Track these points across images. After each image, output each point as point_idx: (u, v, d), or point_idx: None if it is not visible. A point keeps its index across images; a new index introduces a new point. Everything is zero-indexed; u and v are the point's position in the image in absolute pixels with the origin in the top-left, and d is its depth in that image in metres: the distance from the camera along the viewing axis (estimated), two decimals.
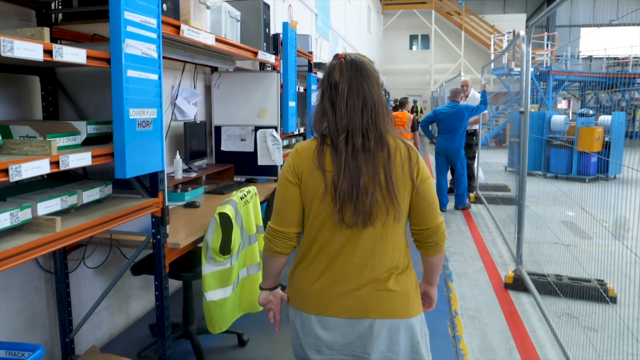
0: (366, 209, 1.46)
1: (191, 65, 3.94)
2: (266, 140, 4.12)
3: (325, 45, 9.29)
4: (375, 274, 1.52)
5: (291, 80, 4.23)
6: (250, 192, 2.78)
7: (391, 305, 1.52)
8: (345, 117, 1.48)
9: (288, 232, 1.55)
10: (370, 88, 1.50)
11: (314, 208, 1.51)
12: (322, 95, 1.55)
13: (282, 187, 1.56)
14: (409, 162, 1.51)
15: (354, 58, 1.53)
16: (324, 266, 1.53)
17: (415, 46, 23.74)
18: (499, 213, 6.83)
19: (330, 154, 1.49)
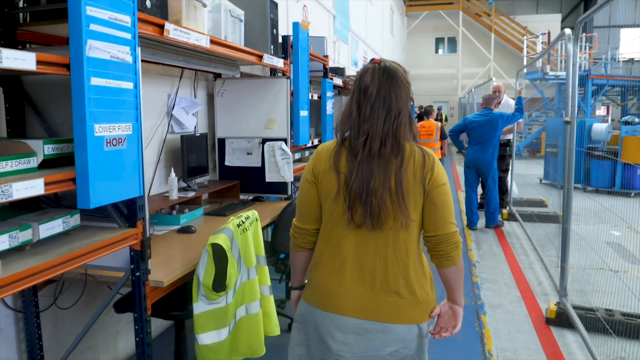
0: (374, 211, 1.54)
1: (191, 72, 3.69)
2: (275, 154, 3.83)
3: (344, 49, 9.01)
4: (388, 279, 1.59)
5: (303, 87, 3.94)
6: (249, 218, 2.48)
7: (403, 310, 1.60)
8: (368, 121, 1.56)
9: (308, 229, 1.71)
10: (397, 97, 1.57)
11: (328, 207, 1.62)
12: (351, 96, 1.63)
13: (302, 186, 1.70)
14: (422, 169, 1.57)
15: (388, 65, 1.60)
16: (337, 265, 1.63)
17: (442, 49, 23.35)
18: (535, 232, 6.41)
19: (346, 156, 1.59)
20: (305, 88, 4.03)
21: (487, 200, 6.58)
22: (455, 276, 1.66)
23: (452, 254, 1.61)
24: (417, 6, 21.99)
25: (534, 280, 4.79)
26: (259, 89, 3.87)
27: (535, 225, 6.78)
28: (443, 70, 22.40)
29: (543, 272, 4.99)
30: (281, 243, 3.33)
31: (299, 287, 1.89)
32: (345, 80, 5.79)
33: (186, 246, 2.68)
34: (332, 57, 8.10)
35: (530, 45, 18.80)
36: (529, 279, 4.80)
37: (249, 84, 3.90)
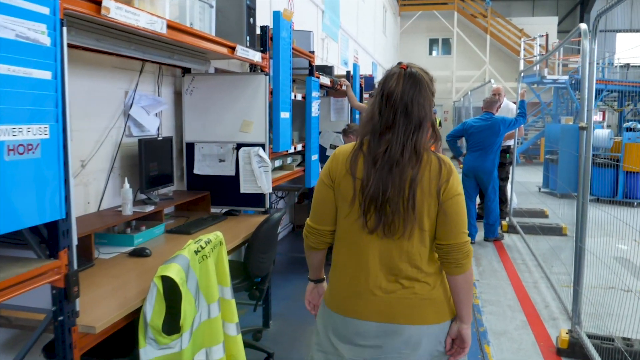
0: (387, 219, 1.58)
1: (154, 65, 3.28)
2: (251, 161, 3.43)
3: (333, 47, 8.65)
4: (403, 281, 1.63)
5: (284, 85, 3.55)
6: (211, 242, 2.07)
7: (420, 310, 1.63)
8: (390, 130, 1.58)
9: (322, 230, 1.73)
10: (420, 106, 1.58)
11: (343, 211, 1.66)
12: (374, 99, 1.64)
13: (318, 187, 1.73)
14: (437, 179, 1.60)
15: (414, 72, 1.61)
16: (354, 269, 1.66)
17: (436, 51, 23.14)
18: (538, 246, 6.07)
19: (364, 161, 1.61)
20: (287, 86, 3.64)
21: (487, 211, 6.22)
22: (463, 284, 1.68)
23: (462, 262, 1.64)
24: (410, 6, 21.71)
25: (540, 301, 4.42)
26: (233, 86, 3.47)
27: (537, 238, 6.44)
28: (437, 73, 20.85)
29: (549, 292, 4.63)
30: (256, 265, 2.93)
31: (315, 279, 1.92)
32: (333, 80, 5.41)
33: (137, 274, 2.27)
34: (320, 54, 7.73)
35: (528, 49, 18.58)
36: (534, 301, 4.43)
37: (222, 81, 3.50)
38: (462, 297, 1.69)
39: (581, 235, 3.29)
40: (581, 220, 3.27)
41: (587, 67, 3.16)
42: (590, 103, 3.07)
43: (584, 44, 3.12)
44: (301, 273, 4.94)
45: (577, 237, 3.40)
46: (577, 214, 3.35)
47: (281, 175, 3.94)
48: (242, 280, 3.00)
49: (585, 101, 3.18)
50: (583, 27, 3.23)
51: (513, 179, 7.35)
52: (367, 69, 12.20)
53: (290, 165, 4.20)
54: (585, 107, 3.19)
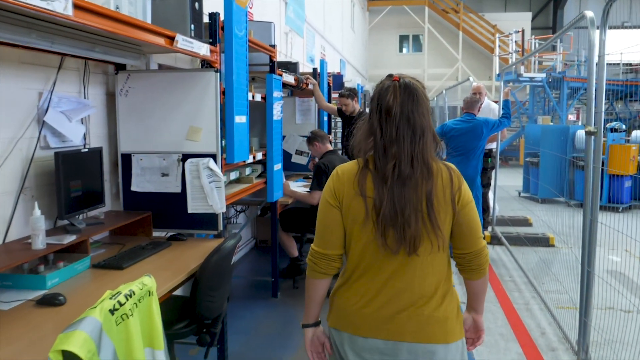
0: (409, 236, 1.59)
1: (78, 61, 2.79)
2: (199, 175, 2.98)
3: (298, 42, 8.22)
4: (414, 299, 1.65)
5: (239, 84, 3.11)
6: (134, 295, 1.61)
7: (430, 329, 1.64)
8: (395, 144, 1.61)
9: (331, 254, 1.71)
10: (421, 116, 1.62)
11: (355, 233, 1.66)
12: (370, 115, 1.67)
13: (323, 210, 1.72)
14: (450, 188, 1.64)
15: (408, 82, 1.64)
16: (365, 289, 1.67)
17: (406, 48, 22.94)
18: (526, 259, 5.79)
19: (372, 179, 1.63)
20: (243, 85, 3.20)
21: None
22: (483, 286, 1.77)
23: (484, 267, 1.71)
24: (379, 0, 21.52)
25: (534, 327, 4.08)
26: (177, 86, 3.01)
27: (523, 250, 6.16)
28: (408, 71, 19.96)
29: (544, 316, 4.30)
30: (205, 306, 2.48)
31: (314, 323, 1.83)
32: (298, 78, 4.99)
33: (41, 335, 1.78)
34: (284, 50, 7.30)
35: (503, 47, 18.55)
36: (528, 326, 4.09)
37: (164, 80, 3.04)
38: (480, 296, 1.79)
39: (589, 258, 2.94)
40: (589, 241, 2.92)
41: (594, 62, 2.82)
42: (600, 103, 2.73)
43: (592, 35, 2.78)
44: (265, 299, 4.49)
45: (585, 259, 3.04)
46: (584, 234, 3.01)
47: (238, 190, 3.49)
48: (188, 323, 2.55)
49: (592, 101, 2.84)
50: (590, 15, 2.89)
51: (496, 184, 7.07)
52: (335, 66, 11.83)
53: (248, 177, 3.74)
54: (592, 108, 2.85)
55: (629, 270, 5.39)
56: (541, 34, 20.97)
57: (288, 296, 4.59)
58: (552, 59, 17.39)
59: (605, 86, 2.78)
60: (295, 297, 4.57)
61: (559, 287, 4.81)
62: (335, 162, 4.55)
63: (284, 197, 4.45)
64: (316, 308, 1.81)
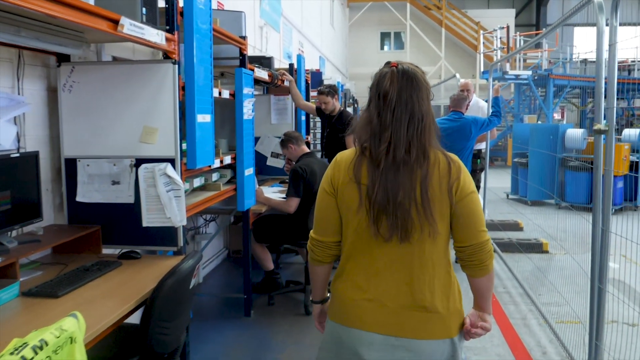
0: (401, 224, 1.59)
1: (11, 50, 2.44)
2: (156, 183, 2.64)
3: (274, 37, 7.89)
4: (414, 292, 1.64)
5: (201, 78, 2.78)
6: (47, 346, 1.27)
7: (430, 325, 1.64)
8: (390, 127, 1.61)
9: (327, 242, 1.75)
10: (420, 100, 1.62)
11: (350, 220, 1.67)
12: (369, 102, 1.69)
13: (320, 197, 1.75)
14: (447, 178, 1.62)
15: (407, 68, 1.65)
16: (361, 280, 1.68)
17: (388, 46, 22.80)
18: (520, 267, 5.54)
19: (367, 166, 1.64)
20: (207, 80, 2.87)
21: None
22: (488, 284, 1.72)
23: (486, 263, 1.66)
24: None
25: (534, 345, 3.82)
26: (130, 80, 2.67)
27: (516, 257, 5.93)
28: None
29: (543, 332, 4.04)
30: (157, 339, 2.14)
31: (320, 300, 1.91)
32: (272, 73, 4.67)
33: None
34: (259, 45, 6.97)
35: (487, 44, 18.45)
36: (527, 344, 3.82)
37: (114, 73, 2.70)
38: (486, 295, 1.74)
39: (600, 273, 2.66)
40: (601, 253, 2.65)
41: (602, 50, 2.55)
42: (612, 98, 2.46)
43: (600, 22, 2.51)
44: (237, 319, 4.15)
45: (594, 274, 2.77)
46: (594, 246, 2.73)
47: (203, 199, 3.15)
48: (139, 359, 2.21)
49: (601, 96, 2.57)
50: (598, 1, 2.61)
51: (485, 187, 6.83)
52: (314, 63, 11.54)
53: (215, 184, 3.40)
54: (601, 104, 2.58)
55: (629, 278, 5.15)
56: (524, 31, 20.96)
57: (263, 315, 4.26)
58: (536, 56, 17.34)
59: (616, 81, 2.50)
60: (271, 316, 4.24)
61: (557, 298, 4.57)
62: (313, 165, 4.24)
63: (257, 204, 4.12)
64: (321, 288, 1.89)
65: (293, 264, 5.67)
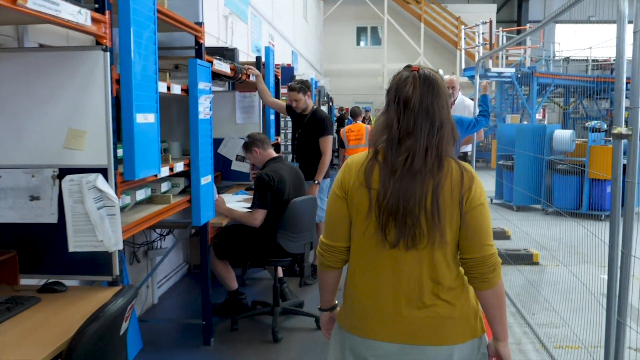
0: (409, 231, 1.63)
1: None
2: (84, 198, 2.22)
3: (241, 28, 7.47)
4: (424, 299, 1.67)
5: (141, 70, 2.36)
6: None
7: (443, 331, 1.67)
8: (412, 135, 1.64)
9: (337, 246, 1.78)
10: (440, 108, 1.66)
11: (358, 225, 1.71)
12: (387, 107, 1.71)
13: (331, 201, 1.79)
14: (459, 188, 1.65)
15: (428, 73, 1.67)
16: (371, 287, 1.71)
17: (364, 41, 22.83)
18: (510, 281, 5.25)
19: (380, 171, 1.67)
20: (150, 72, 2.46)
21: None
22: (493, 301, 1.71)
23: (488, 277, 1.68)
24: None
25: None
26: (53, 71, 2.24)
27: (505, 269, 5.55)
28: (365, 66, 21.77)
29: (541, 358, 3.72)
30: None
31: (328, 308, 1.93)
32: (235, 67, 4.26)
33: None
34: (223, 36, 6.56)
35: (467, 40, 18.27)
36: None
37: (31, 62, 2.27)
38: (493, 313, 1.73)
39: (620, 304, 2.32)
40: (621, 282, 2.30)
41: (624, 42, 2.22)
42: (636, 97, 2.12)
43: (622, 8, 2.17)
44: (194, 347, 3.71)
45: (610, 304, 2.42)
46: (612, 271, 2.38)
47: (148, 215, 2.71)
48: None
49: (622, 93, 2.23)
50: None
51: None
52: (285, 58, 11.16)
53: (164, 196, 2.97)
54: (622, 103, 2.24)
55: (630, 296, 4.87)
56: (505, 27, 20.91)
57: (224, 342, 3.83)
58: (518, 53, 17.23)
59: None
60: (234, 343, 3.82)
61: (554, 318, 4.27)
62: (281, 172, 3.85)
63: (217, 217, 3.71)
64: (330, 295, 1.91)
65: (261, 280, 5.26)
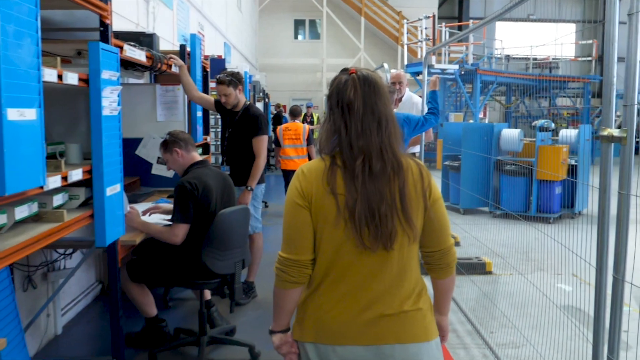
0: (385, 232, 1.70)
1: None
2: None
3: (165, 14, 6.93)
4: (394, 299, 1.74)
5: (13, 53, 1.87)
6: None
7: (411, 329, 1.75)
8: (362, 138, 1.71)
9: (303, 260, 1.76)
10: (384, 106, 1.75)
11: (327, 233, 1.73)
12: (330, 113, 1.78)
13: (291, 211, 1.77)
14: (421, 183, 1.76)
15: (367, 74, 1.76)
16: (342, 293, 1.75)
17: (302, 35, 22.63)
18: (464, 293, 5.05)
19: (342, 176, 1.72)
20: (28, 55, 1.97)
21: None
22: (451, 285, 1.90)
23: (452, 265, 1.84)
24: None
25: None
26: None
27: (457, 280, 5.20)
28: (304, 60, 21.65)
29: None
30: None
31: (283, 330, 1.90)
32: (153, 55, 3.77)
33: None
34: (143, 22, 6.04)
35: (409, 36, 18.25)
36: None
37: None
38: (448, 296, 1.93)
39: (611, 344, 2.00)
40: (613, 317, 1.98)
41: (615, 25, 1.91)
42: (632, 92, 1.81)
43: None
44: None
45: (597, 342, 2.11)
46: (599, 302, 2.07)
47: (30, 239, 2.20)
48: None
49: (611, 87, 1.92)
50: None
51: None
52: (217, 50, 10.66)
53: (56, 212, 2.45)
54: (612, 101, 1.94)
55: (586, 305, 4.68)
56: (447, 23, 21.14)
57: None
58: (460, 50, 17.35)
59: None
60: None
61: (514, 336, 4.04)
62: (206, 179, 3.39)
63: (129, 233, 3.23)
64: (287, 317, 1.88)
65: (187, 301, 4.77)
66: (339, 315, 1.72)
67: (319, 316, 1.76)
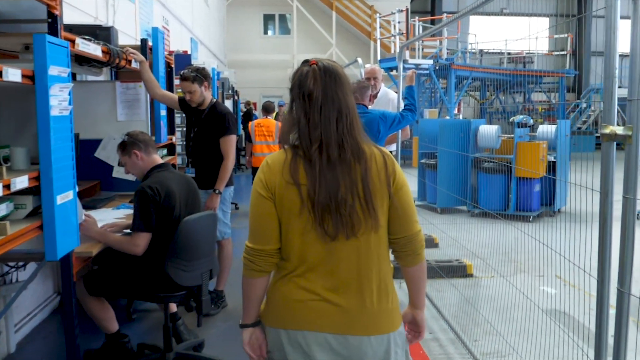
0: (346, 220, 1.75)
1: None
2: None
3: (126, 8, 6.67)
4: (363, 289, 1.80)
5: None
6: None
7: (379, 319, 1.81)
8: (319, 127, 1.76)
9: (268, 250, 1.83)
10: (345, 96, 1.79)
11: (292, 223, 1.79)
12: (292, 104, 1.84)
13: (255, 203, 1.84)
14: (385, 170, 1.81)
15: (327, 65, 1.81)
16: (309, 281, 1.80)
17: (272, 30, 22.60)
18: (446, 298, 4.92)
19: (304, 166, 1.77)
20: None
21: None
22: (420, 274, 1.92)
23: (419, 252, 1.87)
24: None
25: None
26: None
27: (437, 284, 5.30)
28: (274, 56, 21.53)
29: None
30: None
31: (253, 323, 1.93)
32: (110, 49, 3.56)
33: None
34: (103, 16, 5.81)
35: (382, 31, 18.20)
36: None
37: None
38: (419, 286, 1.94)
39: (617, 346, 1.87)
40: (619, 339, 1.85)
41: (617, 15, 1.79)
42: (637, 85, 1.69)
43: None
44: None
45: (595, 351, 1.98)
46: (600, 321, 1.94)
47: None
48: None
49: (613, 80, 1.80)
50: None
51: None
52: (183, 45, 10.41)
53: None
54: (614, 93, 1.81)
55: (572, 308, 4.61)
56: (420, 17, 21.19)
57: None
58: (434, 45, 17.35)
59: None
60: None
61: (499, 344, 3.92)
62: (169, 183, 3.20)
63: (85, 244, 3.02)
64: (256, 307, 1.92)
65: (152, 313, 4.56)
66: (307, 302, 1.78)
67: (288, 303, 1.81)
